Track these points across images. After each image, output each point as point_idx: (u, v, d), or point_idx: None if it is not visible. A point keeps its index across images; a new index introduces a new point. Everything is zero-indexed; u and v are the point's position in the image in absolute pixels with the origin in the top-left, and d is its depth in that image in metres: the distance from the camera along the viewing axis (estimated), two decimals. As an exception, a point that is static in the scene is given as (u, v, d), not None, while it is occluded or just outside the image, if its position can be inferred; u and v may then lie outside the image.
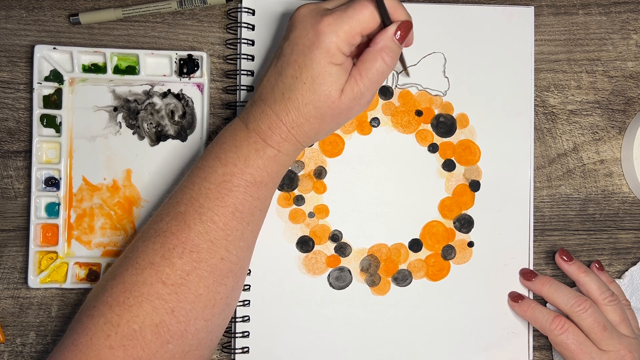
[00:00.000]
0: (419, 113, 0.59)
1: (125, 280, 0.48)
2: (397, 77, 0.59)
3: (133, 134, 0.58)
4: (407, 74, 0.59)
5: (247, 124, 0.51)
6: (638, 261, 0.60)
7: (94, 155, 0.58)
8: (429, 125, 0.59)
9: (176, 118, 0.58)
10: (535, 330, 0.59)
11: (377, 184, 0.59)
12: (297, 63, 0.48)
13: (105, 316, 0.48)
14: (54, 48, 0.57)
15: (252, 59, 0.58)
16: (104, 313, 0.48)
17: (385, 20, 0.49)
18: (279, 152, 0.50)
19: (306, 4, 0.50)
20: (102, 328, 0.47)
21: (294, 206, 0.58)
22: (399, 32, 0.49)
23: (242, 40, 0.58)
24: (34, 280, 0.57)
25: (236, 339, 0.57)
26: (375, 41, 0.49)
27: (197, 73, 0.58)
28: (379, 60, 0.49)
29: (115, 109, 0.58)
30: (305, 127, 0.50)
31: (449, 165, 0.59)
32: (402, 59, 0.57)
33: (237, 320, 0.57)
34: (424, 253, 0.59)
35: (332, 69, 0.48)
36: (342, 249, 0.58)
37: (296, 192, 0.58)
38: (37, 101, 0.57)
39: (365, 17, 0.48)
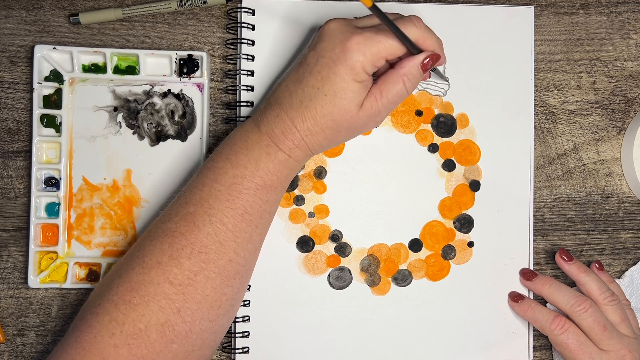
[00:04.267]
0: (419, 113, 0.59)
1: (131, 279, 0.48)
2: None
3: (133, 134, 0.58)
4: (447, 80, 0.59)
5: (260, 126, 0.51)
6: (638, 261, 0.60)
7: (94, 155, 0.58)
8: (429, 125, 0.59)
9: (176, 118, 0.58)
10: (535, 330, 0.59)
11: (377, 184, 0.59)
12: (320, 74, 0.49)
13: (111, 314, 0.48)
14: (54, 48, 0.57)
15: (252, 59, 0.58)
16: (109, 311, 0.48)
17: (412, 50, 0.50)
18: (289, 158, 0.50)
19: (337, 18, 0.51)
20: (107, 326, 0.47)
21: (294, 206, 0.58)
22: (427, 60, 0.50)
23: (242, 40, 0.58)
24: (34, 280, 0.57)
25: (236, 339, 0.57)
26: (401, 65, 0.50)
27: (197, 73, 0.58)
28: (400, 84, 0.50)
29: (115, 109, 0.58)
30: (319, 137, 0.50)
31: (449, 165, 0.59)
32: (437, 71, 0.58)
33: (237, 320, 0.57)
34: (424, 253, 0.59)
35: (355, 86, 0.49)
36: (342, 249, 0.58)
37: (296, 192, 0.58)
38: (37, 101, 0.57)
39: (394, 45, 0.49)
